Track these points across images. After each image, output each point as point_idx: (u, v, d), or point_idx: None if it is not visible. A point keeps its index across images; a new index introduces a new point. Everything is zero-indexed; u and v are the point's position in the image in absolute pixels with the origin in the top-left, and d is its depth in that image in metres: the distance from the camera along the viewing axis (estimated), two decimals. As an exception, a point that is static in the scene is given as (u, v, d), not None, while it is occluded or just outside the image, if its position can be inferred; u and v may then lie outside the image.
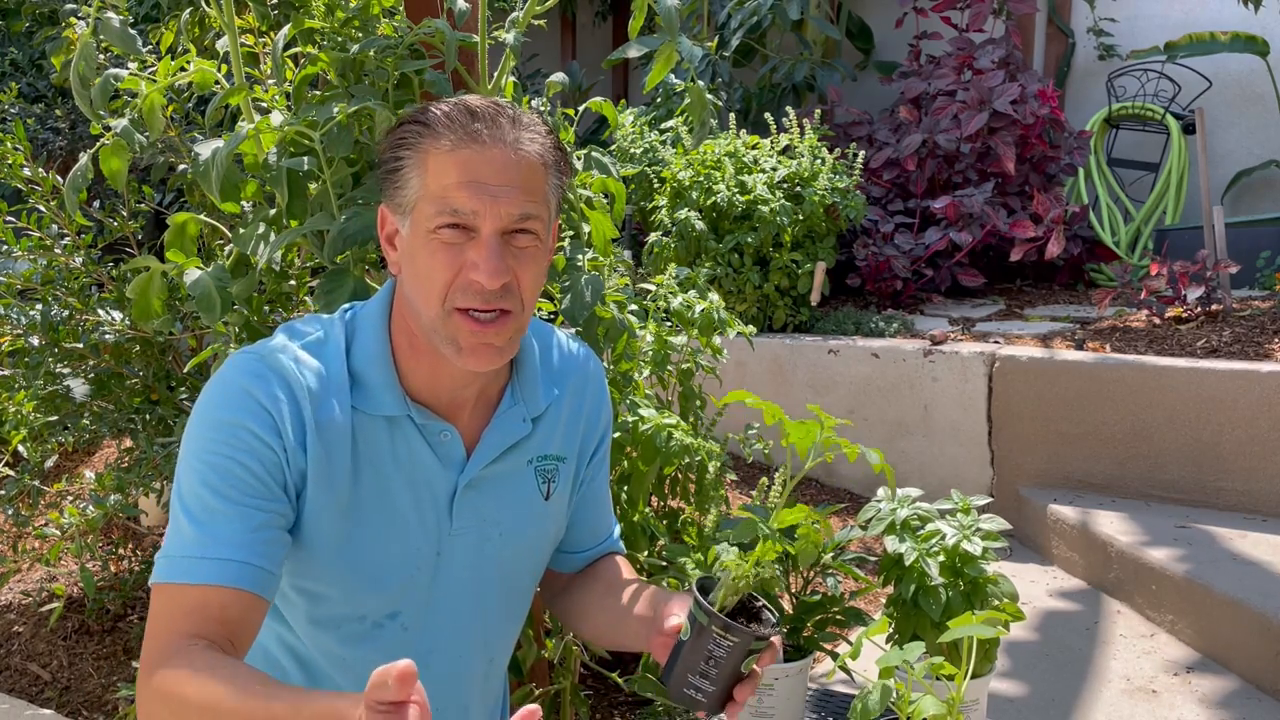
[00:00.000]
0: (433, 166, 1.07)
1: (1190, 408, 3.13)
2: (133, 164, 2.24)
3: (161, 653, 1.01)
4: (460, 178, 1.06)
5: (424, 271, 1.08)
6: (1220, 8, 5.04)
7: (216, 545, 1.03)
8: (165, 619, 1.03)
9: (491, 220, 1.06)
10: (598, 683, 2.53)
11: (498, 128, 1.07)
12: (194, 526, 1.05)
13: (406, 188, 1.09)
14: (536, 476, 1.24)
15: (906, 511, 1.39)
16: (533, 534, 1.25)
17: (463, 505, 1.18)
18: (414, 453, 1.15)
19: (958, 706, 1.02)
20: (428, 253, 1.07)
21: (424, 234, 1.08)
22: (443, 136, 1.07)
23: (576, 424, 1.28)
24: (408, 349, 1.15)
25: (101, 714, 2.60)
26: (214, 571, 1.03)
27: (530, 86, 5.85)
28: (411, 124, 1.09)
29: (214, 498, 1.05)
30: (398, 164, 1.10)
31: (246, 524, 1.05)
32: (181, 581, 1.03)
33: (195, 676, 0.97)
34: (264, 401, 1.07)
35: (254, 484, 1.06)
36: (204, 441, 1.07)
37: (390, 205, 1.13)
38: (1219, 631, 2.56)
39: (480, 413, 1.20)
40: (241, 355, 1.11)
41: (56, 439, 2.68)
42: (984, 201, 4.32)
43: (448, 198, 1.06)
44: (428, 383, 1.16)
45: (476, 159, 1.06)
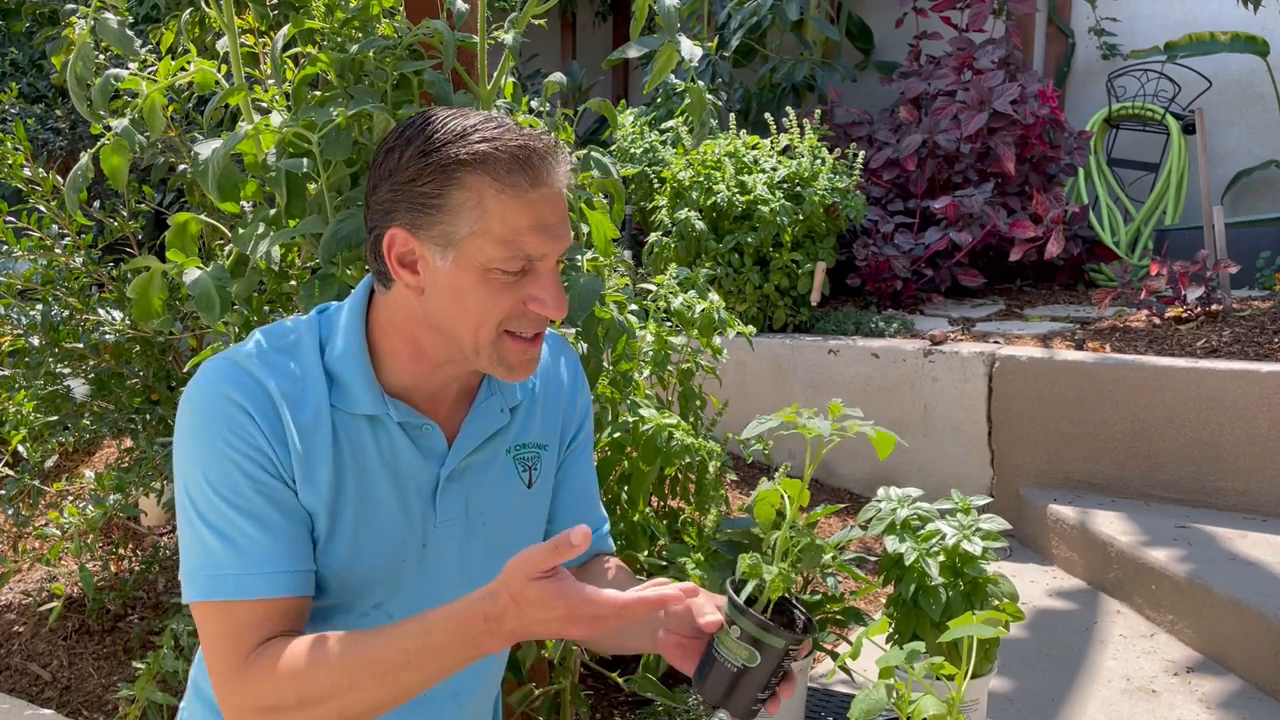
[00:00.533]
0: (494, 208, 1.07)
1: (1190, 408, 3.13)
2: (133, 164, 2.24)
3: (241, 656, 1.06)
4: (531, 223, 1.08)
5: (477, 305, 1.10)
6: (1220, 8, 5.04)
7: (257, 561, 1.07)
8: (230, 635, 1.07)
9: (554, 258, 1.12)
10: (598, 683, 2.53)
11: (555, 168, 1.11)
12: (225, 545, 1.07)
13: (455, 224, 1.08)
14: (517, 465, 1.26)
15: (906, 511, 1.39)
16: (517, 523, 1.27)
17: (446, 496, 1.20)
18: (395, 447, 1.17)
19: (958, 706, 1.02)
20: (486, 289, 1.09)
21: (478, 269, 1.09)
22: (504, 180, 1.07)
23: (556, 411, 1.31)
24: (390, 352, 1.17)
25: (101, 714, 2.60)
26: (264, 585, 1.07)
27: (530, 86, 5.85)
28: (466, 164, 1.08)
29: (235, 513, 1.07)
30: (440, 199, 1.08)
31: (275, 533, 1.09)
32: (233, 599, 1.07)
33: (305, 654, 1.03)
34: (247, 407, 1.09)
35: (266, 492, 1.09)
36: (204, 458, 1.09)
37: (419, 234, 1.10)
38: (1219, 631, 2.56)
39: (459, 405, 1.22)
40: (216, 361, 1.12)
41: (56, 439, 2.68)
42: (984, 201, 4.32)
43: (519, 243, 1.08)
44: (413, 382, 1.18)
45: (542, 204, 1.09)
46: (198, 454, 1.09)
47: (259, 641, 1.06)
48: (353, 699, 1.02)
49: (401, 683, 1.01)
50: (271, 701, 1.03)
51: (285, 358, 1.14)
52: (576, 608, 0.97)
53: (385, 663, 1.00)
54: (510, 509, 1.25)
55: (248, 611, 1.06)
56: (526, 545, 1.29)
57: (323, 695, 1.02)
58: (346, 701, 1.02)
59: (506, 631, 0.99)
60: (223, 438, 1.08)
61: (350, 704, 1.02)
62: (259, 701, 1.04)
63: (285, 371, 1.12)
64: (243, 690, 1.05)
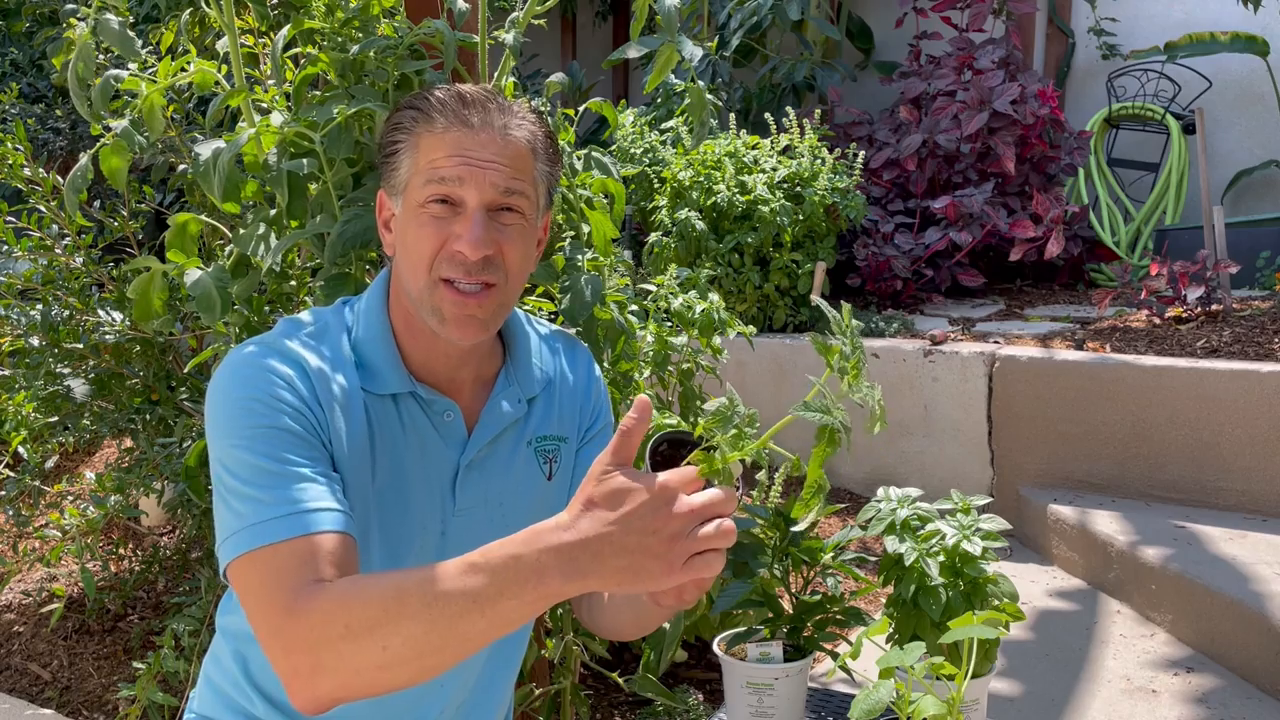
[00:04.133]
0: (424, 146, 1.13)
1: (1190, 408, 3.13)
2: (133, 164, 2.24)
3: (291, 595, 0.94)
4: (448, 151, 1.12)
5: (412, 244, 1.13)
6: (1220, 8, 5.04)
7: (299, 500, 1.01)
8: (273, 580, 0.96)
9: (476, 191, 1.12)
10: (598, 683, 2.53)
11: (487, 113, 1.14)
12: (260, 492, 1.01)
13: (400, 169, 1.16)
14: (537, 457, 1.27)
15: (906, 511, 1.39)
16: (536, 514, 1.26)
17: (465, 484, 1.21)
18: (421, 430, 1.18)
19: (958, 706, 1.02)
20: (416, 225, 1.13)
21: (413, 209, 1.13)
22: (436, 120, 1.13)
23: (572, 404, 1.32)
24: (405, 329, 1.19)
25: (101, 714, 2.60)
26: (313, 520, 1.00)
27: (530, 86, 5.84)
28: (407, 109, 1.16)
29: (272, 463, 1.03)
30: (393, 147, 1.16)
31: (312, 477, 1.04)
32: (283, 539, 0.98)
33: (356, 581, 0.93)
34: (281, 374, 1.09)
35: (301, 443, 1.06)
36: (238, 422, 1.05)
37: (386, 188, 1.19)
38: (1219, 631, 2.56)
39: (478, 395, 1.24)
40: (243, 347, 1.13)
41: (57, 439, 2.68)
42: (984, 201, 4.32)
43: (435, 169, 1.11)
44: (425, 362, 1.19)
45: (466, 139, 1.12)
46: (231, 422, 1.05)
47: (303, 581, 0.95)
48: (400, 630, 0.88)
49: (453, 612, 0.87)
50: (321, 633, 0.91)
51: (314, 342, 1.15)
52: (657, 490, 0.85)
53: (440, 583, 0.88)
54: (530, 501, 1.26)
55: (296, 549, 0.98)
56: None
57: (370, 622, 0.89)
58: (393, 632, 0.88)
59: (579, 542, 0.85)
60: (256, 398, 1.06)
61: (398, 640, 0.88)
62: (308, 635, 0.92)
63: (314, 353, 1.14)
64: (293, 626, 0.93)
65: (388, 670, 0.89)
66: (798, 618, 1.45)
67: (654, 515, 0.84)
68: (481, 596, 0.87)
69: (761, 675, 1.35)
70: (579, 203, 1.82)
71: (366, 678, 0.90)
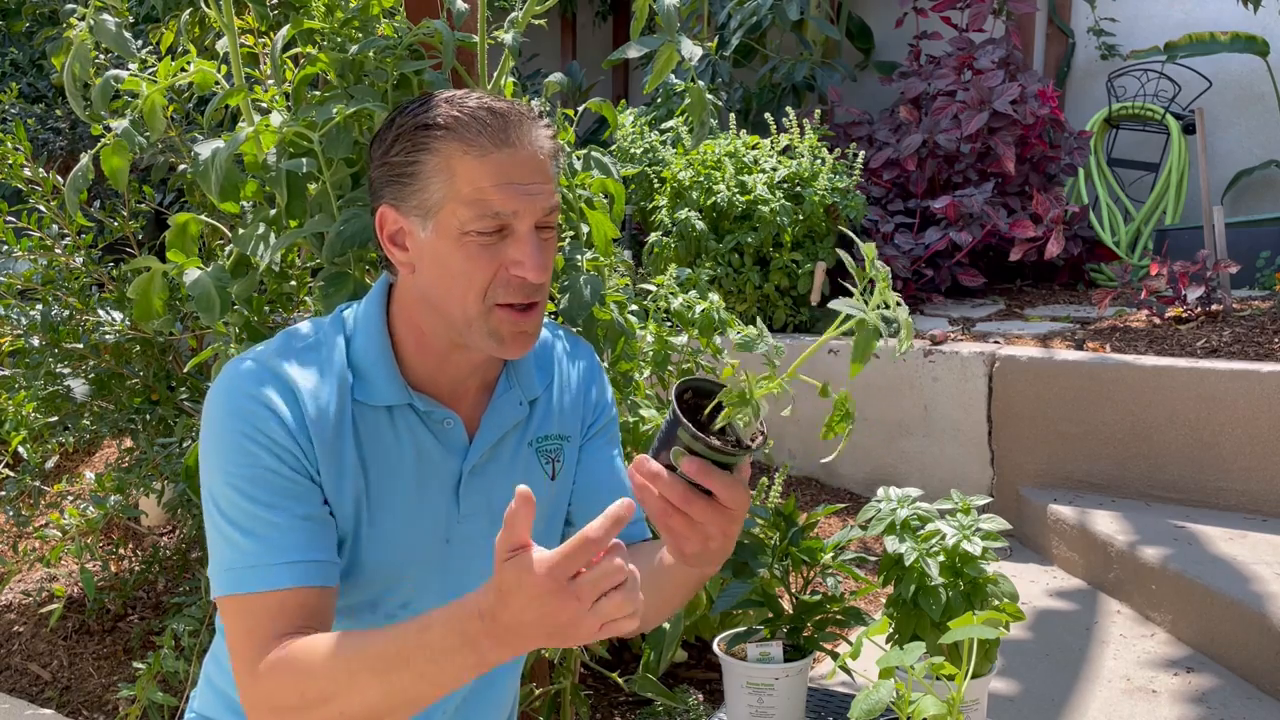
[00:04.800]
0: (462, 170, 1.09)
1: (1190, 408, 3.13)
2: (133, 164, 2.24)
3: (258, 653, 1.04)
4: (496, 180, 1.09)
5: (459, 272, 1.10)
6: (1220, 8, 5.04)
7: (278, 551, 1.06)
8: (250, 626, 1.06)
9: (529, 217, 1.11)
10: (598, 683, 2.53)
11: (522, 129, 1.11)
12: (248, 538, 1.07)
13: (427, 191, 1.11)
14: (539, 457, 1.27)
15: (906, 511, 1.39)
16: (541, 514, 1.27)
17: (469, 490, 1.20)
18: (418, 441, 1.18)
19: (958, 706, 1.02)
20: (464, 255, 1.10)
21: (455, 236, 1.10)
22: (471, 141, 1.09)
23: (576, 403, 1.31)
24: (414, 345, 1.18)
25: (101, 714, 2.60)
26: (284, 575, 1.06)
27: (530, 86, 5.84)
28: (435, 129, 1.10)
29: (258, 508, 1.07)
30: (415, 166, 1.11)
31: (297, 524, 1.08)
32: (254, 590, 1.06)
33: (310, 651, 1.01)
34: (271, 403, 1.09)
35: (289, 485, 1.09)
36: (227, 457, 1.09)
37: (400, 207, 1.13)
38: (1218, 631, 2.56)
39: (479, 399, 1.23)
40: (239, 362, 1.13)
41: (57, 439, 2.68)
42: (984, 201, 4.32)
43: (486, 201, 1.08)
44: (432, 375, 1.18)
45: (509, 163, 1.09)
46: (221, 455, 1.09)
47: (277, 636, 1.04)
48: (354, 699, 0.98)
49: (401, 686, 0.96)
50: (279, 700, 1.02)
51: (309, 355, 1.15)
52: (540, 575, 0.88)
53: (384, 660, 0.97)
54: (535, 502, 1.25)
55: (266, 603, 1.05)
56: (549, 539, 1.29)
57: (324, 694, 0.99)
58: (348, 702, 0.98)
59: (502, 627, 0.91)
60: (245, 434, 1.08)
61: (351, 706, 0.98)
62: (269, 700, 1.03)
63: (309, 368, 1.13)
64: (256, 688, 1.04)
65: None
66: (798, 618, 1.45)
67: (552, 599, 0.88)
68: (427, 671, 0.95)
69: (761, 675, 1.35)
70: (579, 203, 1.82)
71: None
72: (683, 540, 0.99)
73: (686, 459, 0.96)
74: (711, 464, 0.96)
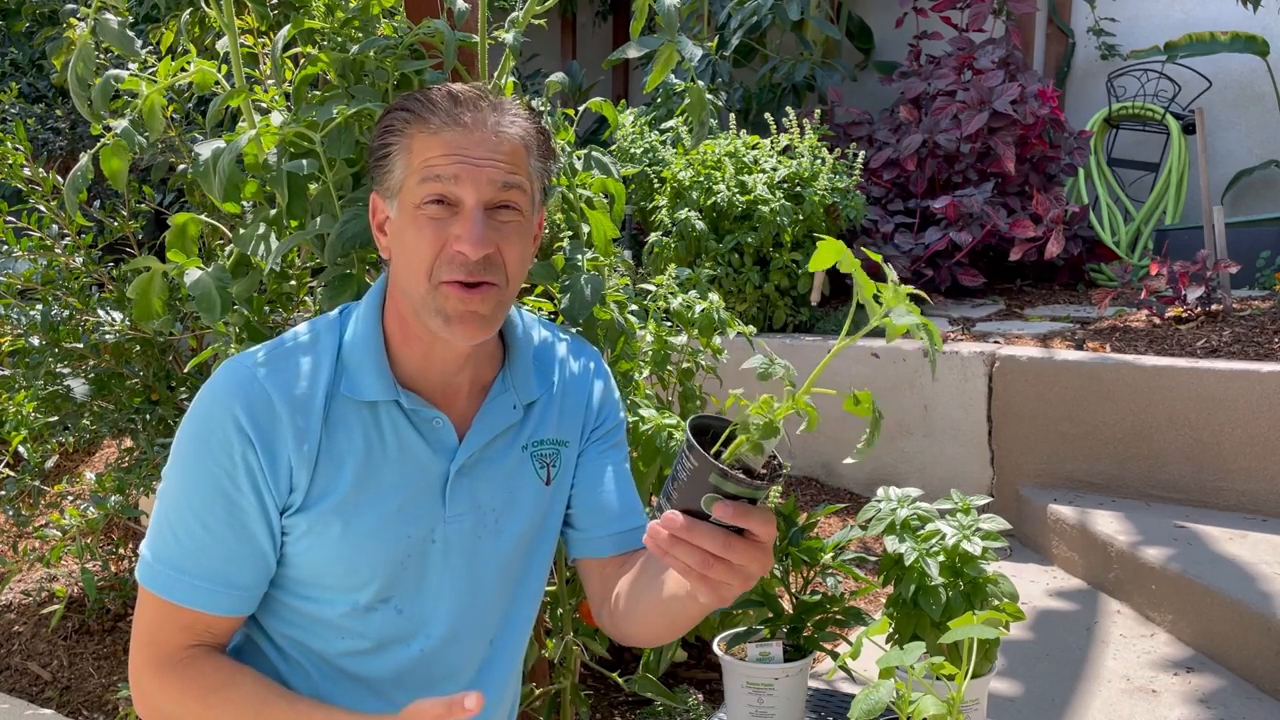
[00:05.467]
0: (417, 147, 1.12)
1: (1190, 408, 3.13)
2: (133, 164, 2.24)
3: (162, 660, 1.13)
4: (443, 151, 1.11)
5: (411, 247, 1.12)
6: (1220, 8, 5.04)
7: (201, 572, 1.12)
8: (157, 629, 1.13)
9: (474, 189, 1.11)
10: (598, 683, 2.53)
11: (479, 110, 1.13)
12: (178, 543, 1.13)
13: (393, 171, 1.14)
14: (534, 461, 1.26)
15: (906, 511, 1.39)
16: (531, 518, 1.26)
17: (456, 491, 1.19)
18: (403, 439, 1.17)
19: (958, 706, 1.02)
20: (414, 229, 1.12)
21: (410, 211, 1.12)
22: (428, 119, 1.12)
23: (577, 408, 1.31)
24: (400, 336, 1.18)
25: (101, 714, 2.60)
26: (202, 598, 1.12)
27: (530, 86, 5.84)
28: (398, 111, 1.15)
29: (197, 523, 1.12)
30: (385, 149, 1.15)
31: (227, 552, 1.12)
32: (170, 600, 1.12)
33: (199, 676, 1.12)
34: (243, 421, 1.11)
35: (236, 513, 1.12)
36: (188, 465, 1.13)
37: (380, 191, 1.18)
38: (1218, 631, 2.56)
39: (473, 400, 1.23)
40: (228, 366, 1.15)
41: (57, 439, 2.68)
42: (984, 201, 4.32)
43: (430, 168, 1.11)
44: (419, 369, 1.18)
45: (460, 137, 1.12)
46: (184, 458, 1.13)
47: (182, 645, 1.13)
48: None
49: None
50: (170, 708, 1.12)
51: (299, 355, 1.15)
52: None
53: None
54: (525, 506, 1.25)
55: (180, 616, 1.12)
56: (542, 543, 1.29)
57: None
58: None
59: None
60: (210, 453, 1.11)
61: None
62: (158, 702, 1.13)
63: (295, 371, 1.14)
64: (149, 685, 1.13)
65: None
66: (798, 618, 1.45)
67: None
68: None
69: (761, 675, 1.35)
70: (579, 202, 1.82)
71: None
72: (725, 588, 0.96)
73: (721, 504, 0.93)
74: (745, 501, 0.93)
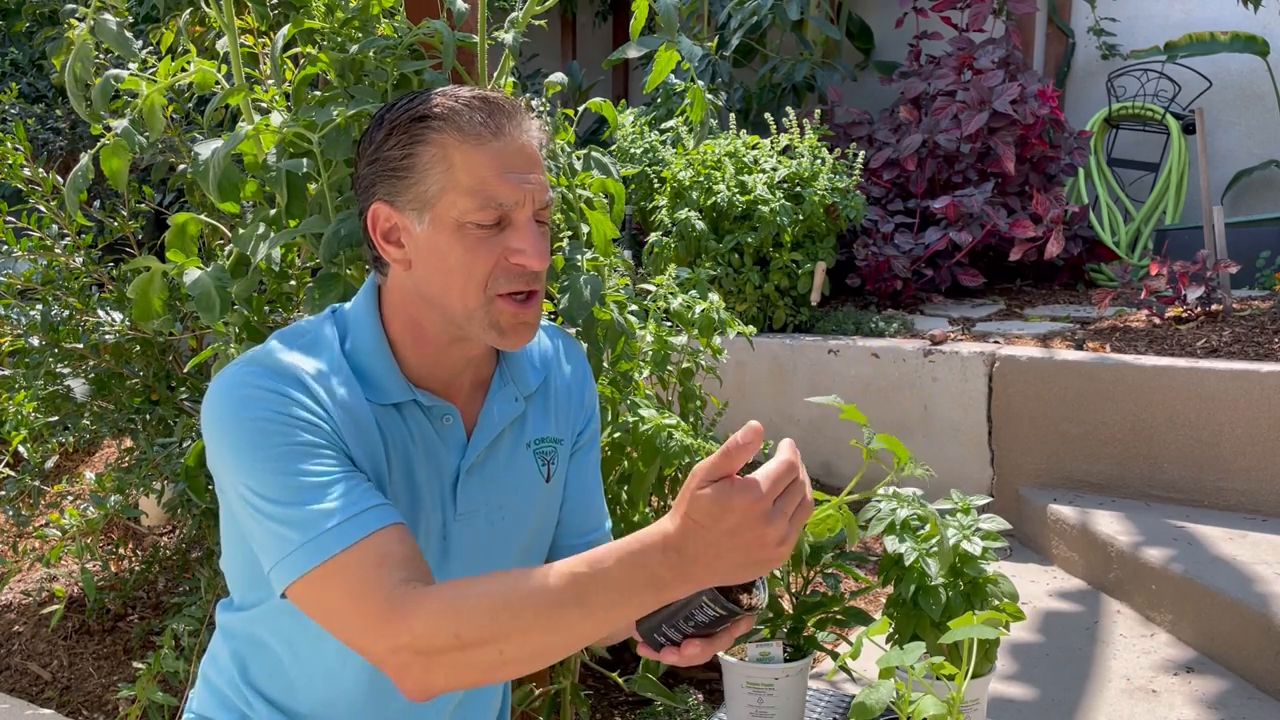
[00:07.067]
0: (460, 160, 1.09)
1: (1190, 408, 3.13)
2: (133, 164, 2.24)
3: (379, 607, 0.97)
4: (497, 170, 1.09)
5: (459, 264, 1.10)
6: (1220, 8, 5.04)
7: (344, 508, 1.01)
8: (357, 587, 0.98)
9: (528, 207, 1.11)
10: (598, 682, 2.53)
11: (516, 120, 1.12)
12: (305, 509, 1.01)
13: (424, 183, 1.10)
14: (536, 459, 1.26)
15: (906, 511, 1.39)
16: (536, 516, 1.27)
17: (466, 489, 1.20)
18: (425, 436, 1.18)
19: (958, 706, 1.02)
20: (463, 246, 1.09)
21: (453, 227, 1.09)
22: (468, 130, 1.09)
23: (567, 404, 1.31)
24: (410, 339, 1.17)
25: (101, 714, 2.60)
26: (369, 520, 1.01)
27: (530, 86, 5.84)
28: (426, 119, 1.10)
29: (309, 478, 1.03)
30: (409, 160, 1.10)
31: (353, 477, 1.05)
32: (344, 548, 0.99)
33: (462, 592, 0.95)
34: (283, 388, 1.07)
35: (327, 452, 1.05)
36: (258, 446, 1.04)
37: (397, 202, 1.12)
38: (1219, 631, 2.56)
39: (474, 398, 1.23)
40: (233, 367, 1.10)
41: (57, 439, 2.68)
42: (984, 201, 4.32)
43: (489, 192, 1.08)
44: (427, 371, 1.18)
45: (506, 151, 1.10)
46: (243, 450, 1.04)
47: (391, 582, 0.98)
48: (517, 641, 0.93)
49: (570, 624, 0.91)
50: (426, 641, 0.95)
51: (307, 354, 1.13)
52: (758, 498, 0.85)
53: (553, 599, 0.91)
54: (529, 504, 1.26)
55: (364, 555, 0.99)
56: (544, 541, 1.30)
57: (484, 635, 0.93)
58: (511, 643, 0.93)
59: (690, 557, 0.87)
60: (264, 419, 1.04)
61: (515, 646, 0.93)
62: (414, 642, 0.95)
63: (310, 367, 1.11)
64: (392, 631, 0.96)
65: (504, 668, 0.95)
66: (798, 618, 1.45)
67: (758, 525, 0.86)
68: (597, 608, 0.91)
69: (761, 675, 1.35)
70: (579, 203, 1.82)
71: (482, 674, 0.96)
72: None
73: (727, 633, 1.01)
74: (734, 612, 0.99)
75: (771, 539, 0.86)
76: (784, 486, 0.87)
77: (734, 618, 0.97)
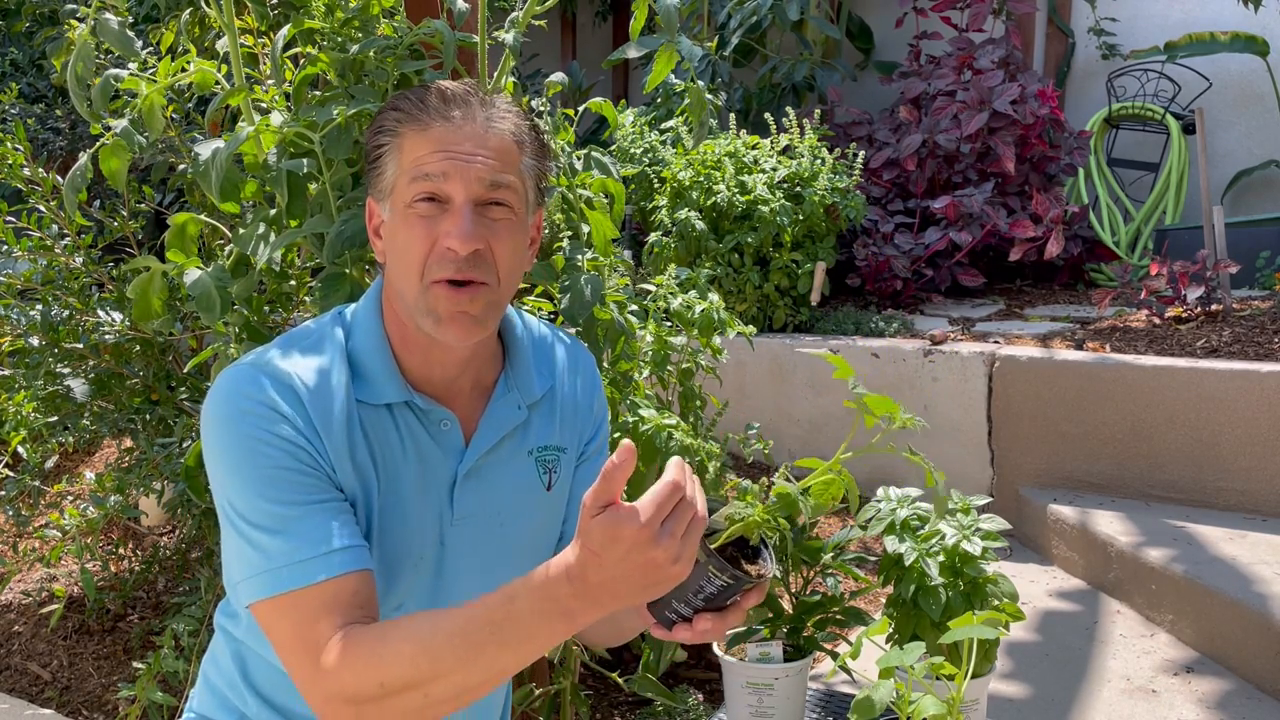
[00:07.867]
0: (407, 146, 1.12)
1: (1190, 408, 3.13)
2: (133, 164, 2.24)
3: (315, 650, 1.01)
4: (432, 148, 1.10)
5: (402, 247, 1.12)
6: (1220, 8, 5.04)
7: (312, 544, 1.04)
8: (299, 623, 1.02)
9: (463, 186, 1.10)
10: (598, 683, 2.53)
11: (469, 107, 1.13)
12: (277, 538, 1.04)
13: (385, 172, 1.14)
14: (538, 467, 1.26)
15: (906, 511, 1.39)
16: (535, 524, 1.27)
17: (464, 494, 1.19)
18: (418, 440, 1.17)
19: (958, 706, 1.02)
20: (405, 227, 1.11)
21: (401, 211, 1.12)
22: (417, 117, 1.11)
23: (574, 414, 1.30)
24: (400, 338, 1.17)
25: (101, 714, 2.60)
26: (324, 566, 1.04)
27: (530, 86, 5.84)
28: (389, 111, 1.14)
29: (281, 507, 1.05)
30: (377, 152, 1.15)
31: (325, 515, 1.06)
32: (297, 587, 1.03)
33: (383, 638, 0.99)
34: (274, 404, 1.08)
35: (307, 480, 1.07)
36: (240, 463, 1.06)
37: (374, 194, 1.17)
38: (1218, 631, 2.56)
39: (476, 403, 1.22)
40: (236, 368, 1.12)
41: (57, 439, 2.68)
42: (984, 201, 4.32)
43: (420, 166, 1.10)
44: (423, 371, 1.18)
45: (448, 134, 1.11)
46: (232, 462, 1.07)
47: (331, 629, 1.01)
48: (441, 683, 0.95)
49: (488, 661, 0.94)
50: (353, 691, 0.98)
51: (307, 357, 1.13)
52: (642, 525, 0.87)
53: (468, 639, 0.94)
54: (529, 511, 1.25)
55: (312, 598, 1.02)
56: (544, 546, 1.29)
57: (406, 680, 0.96)
58: (435, 686, 0.95)
59: (593, 587, 0.90)
60: (255, 437, 1.06)
61: (439, 688, 0.96)
62: (342, 692, 0.98)
63: (309, 369, 1.12)
64: (324, 682, 1.00)
65: (430, 709, 0.97)
66: (798, 618, 1.44)
67: (648, 549, 0.89)
68: (513, 642, 0.94)
69: (761, 675, 1.35)
70: (579, 202, 1.82)
71: (409, 718, 0.98)
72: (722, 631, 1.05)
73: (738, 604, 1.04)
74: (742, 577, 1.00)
75: (664, 560, 0.89)
76: (670, 507, 0.90)
77: (742, 586, 0.98)
